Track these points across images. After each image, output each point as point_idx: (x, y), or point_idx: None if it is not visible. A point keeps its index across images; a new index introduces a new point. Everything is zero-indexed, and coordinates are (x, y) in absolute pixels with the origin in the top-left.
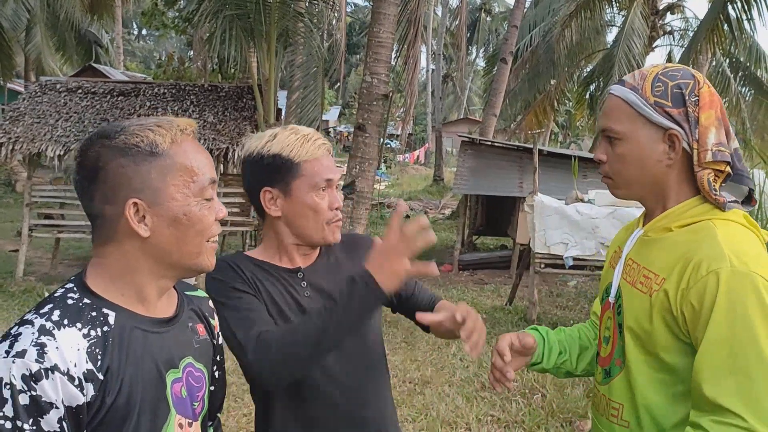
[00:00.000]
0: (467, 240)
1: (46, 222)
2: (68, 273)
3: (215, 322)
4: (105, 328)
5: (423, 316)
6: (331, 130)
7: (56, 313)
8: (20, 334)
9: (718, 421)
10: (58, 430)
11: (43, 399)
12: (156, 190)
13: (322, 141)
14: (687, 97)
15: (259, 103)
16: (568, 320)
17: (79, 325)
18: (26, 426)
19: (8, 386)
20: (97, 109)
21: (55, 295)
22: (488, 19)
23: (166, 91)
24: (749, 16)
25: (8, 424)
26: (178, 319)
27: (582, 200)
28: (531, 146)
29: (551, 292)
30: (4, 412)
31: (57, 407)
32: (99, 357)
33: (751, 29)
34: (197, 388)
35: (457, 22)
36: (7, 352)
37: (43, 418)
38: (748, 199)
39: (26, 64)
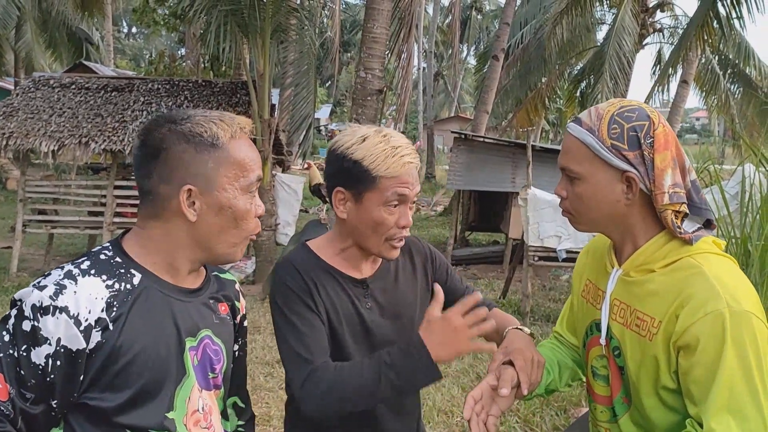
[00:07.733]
0: (460, 236)
1: (40, 218)
2: None
3: (240, 304)
4: (128, 286)
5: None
6: (322, 128)
7: (87, 263)
8: (50, 274)
9: None
10: (43, 364)
11: (41, 332)
12: (209, 179)
13: (409, 158)
14: (642, 140)
15: (254, 98)
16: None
17: (104, 276)
18: (19, 347)
19: (17, 308)
20: (90, 104)
21: (92, 250)
22: (479, 17)
23: (160, 86)
24: (738, 14)
25: (7, 337)
26: (201, 292)
27: None
28: (523, 142)
29: (544, 285)
30: (6, 327)
31: (50, 344)
32: (115, 308)
33: (740, 26)
34: (215, 360)
35: (448, 20)
36: (34, 285)
37: (34, 349)
38: (708, 223)
39: (16, 61)
